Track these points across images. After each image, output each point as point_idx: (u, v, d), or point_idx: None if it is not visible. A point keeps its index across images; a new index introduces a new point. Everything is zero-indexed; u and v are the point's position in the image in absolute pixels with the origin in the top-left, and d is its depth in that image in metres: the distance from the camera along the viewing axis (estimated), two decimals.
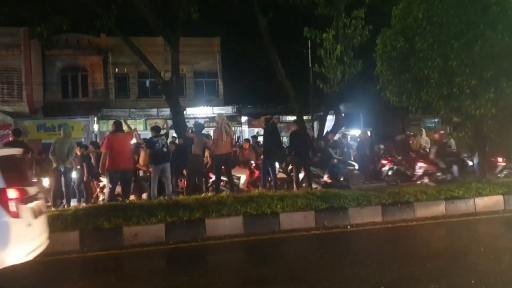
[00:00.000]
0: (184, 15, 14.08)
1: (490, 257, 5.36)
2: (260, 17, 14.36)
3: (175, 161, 10.53)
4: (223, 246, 6.63)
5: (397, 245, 6.40)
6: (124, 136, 8.94)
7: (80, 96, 22.30)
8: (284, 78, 14.85)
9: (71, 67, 22.35)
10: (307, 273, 5.01)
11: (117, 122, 9.14)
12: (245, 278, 5.05)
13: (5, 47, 20.68)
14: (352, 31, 13.87)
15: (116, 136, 8.76)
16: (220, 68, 24.12)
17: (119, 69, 22.44)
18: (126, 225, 6.90)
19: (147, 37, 18.75)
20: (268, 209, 7.45)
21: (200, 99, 23.24)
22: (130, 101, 22.88)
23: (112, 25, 14.35)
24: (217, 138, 9.29)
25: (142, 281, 5.08)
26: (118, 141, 8.66)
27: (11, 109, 20.29)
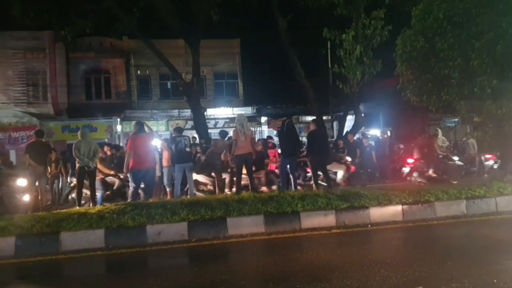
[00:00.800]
0: (205, 17, 14.25)
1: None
2: (279, 18, 14.44)
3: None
4: (244, 244, 6.72)
5: (417, 244, 6.39)
6: (146, 137, 9.18)
7: (103, 98, 22.88)
8: (304, 79, 14.90)
9: (94, 70, 22.93)
10: (329, 271, 5.05)
11: (139, 123, 9.38)
12: (267, 276, 5.10)
13: (30, 50, 21.32)
14: (371, 31, 13.84)
15: (138, 137, 9.00)
16: (240, 69, 24.32)
17: (141, 71, 22.89)
18: (150, 223, 7.06)
19: (168, 39, 19.05)
20: (289, 208, 7.52)
21: (220, 100, 23.49)
22: (152, 102, 23.32)
23: (134, 28, 14.63)
24: (236, 139, 9.43)
25: (166, 278, 5.17)
26: (140, 141, 8.90)
27: (37, 111, 20.90)
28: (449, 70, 8.87)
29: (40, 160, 9.15)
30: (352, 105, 15.15)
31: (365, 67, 13.74)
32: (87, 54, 22.15)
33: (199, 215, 7.26)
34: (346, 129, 15.14)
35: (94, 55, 22.35)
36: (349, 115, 15.93)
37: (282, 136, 10.05)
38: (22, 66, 21.25)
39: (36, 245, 6.69)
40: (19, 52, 21.16)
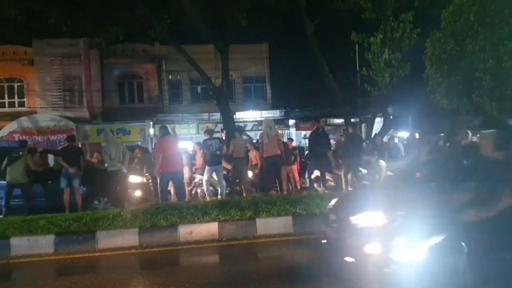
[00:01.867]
0: (234, 23, 14.48)
1: None
2: (307, 22, 14.50)
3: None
4: (273, 244, 6.86)
5: None
6: (173, 139, 9.43)
7: (136, 102, 23.53)
8: (332, 82, 14.91)
9: (127, 75, 23.60)
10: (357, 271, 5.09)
11: (163, 127, 9.70)
12: (296, 275, 5.20)
13: (67, 56, 22.09)
14: (400, 34, 13.72)
15: (165, 140, 9.26)
16: (268, 73, 24.53)
17: (172, 76, 23.46)
18: (182, 223, 7.29)
19: (198, 45, 19.44)
20: (317, 209, 7.64)
21: (249, 104, 23.76)
22: (183, 106, 23.82)
23: (165, 34, 14.99)
24: (262, 142, 9.61)
25: (198, 276, 5.32)
26: (167, 144, 9.14)
27: (73, 115, 21.61)
28: (480, 73, 8.75)
29: (72, 162, 9.50)
30: (380, 107, 15.04)
31: (393, 69, 13.66)
32: (121, 60, 22.86)
33: (229, 216, 7.45)
34: (374, 132, 15.05)
35: (127, 60, 23.04)
36: (377, 117, 15.82)
37: (313, 140, 10.17)
38: (59, 72, 22.08)
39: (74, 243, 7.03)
40: (56, 59, 22.02)
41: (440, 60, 9.79)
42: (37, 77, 22.01)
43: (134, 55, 23.17)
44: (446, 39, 9.53)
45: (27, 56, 22.29)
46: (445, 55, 9.61)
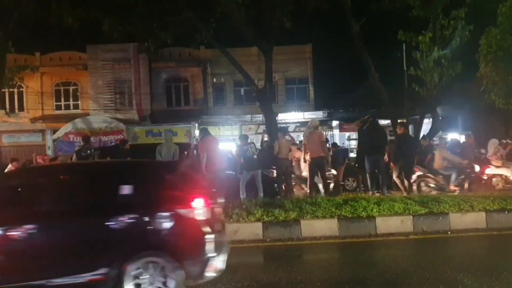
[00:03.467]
0: (278, 24, 14.53)
1: None
2: (352, 22, 14.30)
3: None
4: (318, 246, 6.85)
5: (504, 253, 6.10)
6: (213, 139, 9.77)
7: (182, 105, 24.18)
8: (378, 82, 14.60)
9: (174, 78, 24.32)
10: (406, 277, 5.02)
11: (203, 128, 10.18)
12: (342, 278, 5.17)
13: (117, 61, 23.06)
14: (450, 32, 13.21)
15: (207, 140, 9.60)
16: (311, 74, 24.40)
17: (216, 79, 23.90)
18: (227, 222, 7.30)
19: (242, 47, 19.67)
20: (364, 212, 7.53)
21: (291, 105, 23.74)
22: (226, 108, 24.21)
23: (210, 37, 15.31)
24: (305, 143, 9.58)
25: (243, 275, 5.39)
26: (209, 144, 9.46)
27: (123, 117, 22.49)
28: None
29: None
30: (429, 108, 14.56)
31: (443, 69, 13.17)
32: (168, 64, 23.58)
33: (273, 216, 7.50)
34: (422, 133, 14.59)
35: (174, 64, 23.73)
36: (425, 118, 15.33)
37: (365, 135, 9.92)
38: (110, 76, 23.08)
39: None
40: (108, 63, 23.04)
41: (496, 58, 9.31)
42: (90, 81, 23.12)
43: (181, 59, 23.83)
44: (503, 35, 9.04)
45: (82, 61, 23.48)
46: (502, 53, 9.12)
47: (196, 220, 4.51)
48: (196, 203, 4.55)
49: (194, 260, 4.47)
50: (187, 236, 4.51)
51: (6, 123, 23.11)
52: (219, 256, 4.61)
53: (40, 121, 23.08)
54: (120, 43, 20.77)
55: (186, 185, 4.75)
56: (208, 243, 4.49)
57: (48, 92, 23.77)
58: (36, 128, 23.21)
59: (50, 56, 23.61)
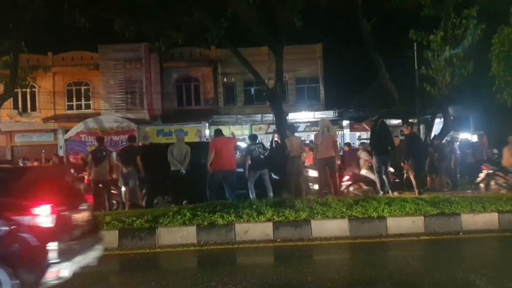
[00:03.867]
0: (288, 24, 14.54)
1: None
2: (363, 21, 14.26)
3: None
4: (329, 247, 6.83)
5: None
6: (226, 140, 9.80)
7: (193, 104, 24.26)
8: (389, 81, 14.55)
9: (185, 78, 24.41)
10: (417, 278, 5.01)
11: (217, 129, 10.31)
12: (353, 279, 5.16)
13: (128, 61, 23.18)
14: (462, 31, 13.11)
15: (218, 140, 9.69)
16: (322, 74, 24.32)
17: (227, 79, 23.95)
18: (238, 222, 7.42)
19: (252, 47, 19.67)
20: (375, 213, 7.52)
21: (302, 104, 23.71)
22: (237, 107, 24.28)
23: (221, 37, 15.38)
24: (317, 142, 9.55)
25: (253, 275, 5.39)
26: (220, 144, 9.50)
27: (134, 116, 22.60)
28: None
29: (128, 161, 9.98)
30: (440, 107, 14.47)
31: (455, 68, 13.09)
32: (179, 64, 23.66)
33: (284, 217, 7.51)
34: (434, 133, 14.51)
35: (185, 64, 23.80)
36: (437, 118, 15.24)
37: (374, 135, 9.91)
38: (122, 76, 23.23)
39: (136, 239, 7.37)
40: (119, 63, 23.19)
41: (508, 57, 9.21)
42: (102, 80, 23.29)
43: (192, 59, 23.87)
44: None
45: (93, 61, 23.65)
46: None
47: (37, 227, 4.45)
48: (39, 210, 4.48)
49: (30, 268, 4.40)
50: (22, 243, 4.43)
51: (19, 123, 23.39)
52: (65, 263, 4.53)
53: (52, 120, 23.31)
54: (132, 43, 20.83)
55: (32, 192, 4.67)
56: (51, 251, 4.42)
57: (60, 92, 24.01)
58: (48, 128, 23.45)
59: (62, 56, 23.82)
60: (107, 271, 6.03)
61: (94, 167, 9.88)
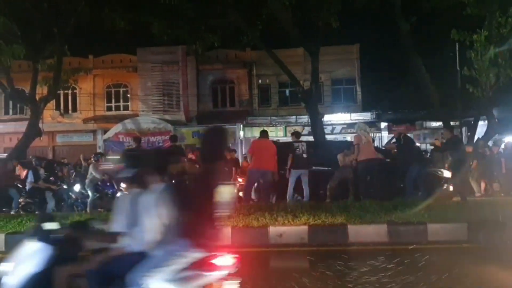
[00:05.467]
0: (324, 25, 14.39)
1: None
2: (402, 22, 13.92)
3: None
4: (367, 252, 6.67)
5: None
6: (266, 142, 9.82)
7: (228, 106, 24.49)
8: (428, 83, 14.14)
9: (220, 80, 24.67)
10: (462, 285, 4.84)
11: (262, 131, 10.35)
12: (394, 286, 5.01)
13: (166, 63, 23.62)
14: (508, 30, 12.54)
15: (259, 141, 9.77)
16: (359, 75, 23.94)
17: (262, 80, 24.00)
18: (272, 225, 7.32)
19: (287, 48, 19.63)
20: (414, 218, 7.27)
21: (338, 106, 23.41)
22: (271, 109, 24.27)
23: (257, 39, 15.42)
24: (358, 143, 9.36)
25: (288, 279, 5.28)
26: (260, 145, 9.57)
27: (171, 118, 23.05)
28: None
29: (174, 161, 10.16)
30: (484, 110, 13.92)
31: (500, 68, 12.54)
32: (215, 66, 23.95)
33: (320, 220, 7.37)
34: (477, 136, 13.96)
35: (221, 66, 24.05)
36: (480, 120, 14.67)
37: (399, 148, 9.82)
38: (159, 78, 23.70)
39: None
40: (157, 65, 23.68)
41: None
42: (140, 82, 23.88)
43: (227, 61, 24.09)
44: None
45: (132, 63, 24.32)
46: None
47: None
48: None
49: None
50: None
51: (61, 123, 24.33)
52: None
53: (91, 121, 24.11)
54: (169, 46, 21.19)
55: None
56: None
57: (100, 93, 24.79)
58: (88, 129, 24.26)
59: (102, 58, 24.59)
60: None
61: None
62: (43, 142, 23.11)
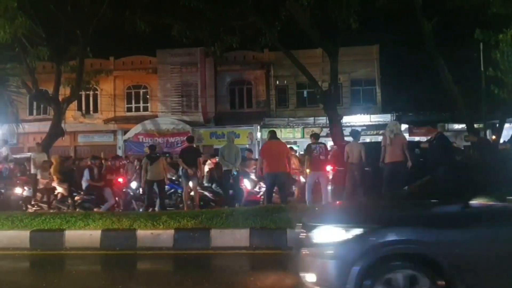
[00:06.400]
0: (344, 25, 14.26)
1: None
2: (424, 21, 13.67)
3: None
4: None
5: None
6: (278, 143, 9.77)
7: (245, 107, 24.49)
8: (451, 84, 13.85)
9: (238, 81, 24.69)
10: None
11: (271, 131, 10.21)
12: None
13: (185, 65, 23.76)
14: None
15: (269, 144, 9.68)
16: (378, 76, 23.63)
17: (279, 81, 23.93)
18: (290, 227, 7.09)
19: (306, 49, 19.51)
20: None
21: (357, 107, 23.15)
22: (288, 110, 24.16)
23: (275, 40, 15.36)
24: (384, 145, 9.19)
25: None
26: (271, 147, 9.51)
27: (189, 119, 23.23)
28: None
29: (191, 162, 10.19)
30: (509, 111, 13.59)
31: None
32: (233, 67, 24.01)
33: None
34: (502, 139, 13.62)
35: (239, 67, 24.09)
36: (506, 123, 14.34)
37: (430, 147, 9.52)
38: (178, 80, 23.85)
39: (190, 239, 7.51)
40: (176, 67, 23.85)
41: None
42: (159, 84, 24.07)
43: (245, 62, 24.11)
44: None
45: (151, 65, 24.55)
46: None
47: None
48: None
49: None
50: None
51: (82, 124, 24.75)
52: None
53: (112, 122, 24.45)
54: (188, 48, 21.32)
55: None
56: None
57: (120, 94, 25.12)
58: (109, 129, 24.55)
59: (123, 60, 24.91)
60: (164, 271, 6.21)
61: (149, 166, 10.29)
62: (65, 142, 23.55)
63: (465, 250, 3.62)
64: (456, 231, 3.70)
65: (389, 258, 3.76)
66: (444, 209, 3.96)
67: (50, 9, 13.83)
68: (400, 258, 3.78)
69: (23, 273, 6.64)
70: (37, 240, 7.74)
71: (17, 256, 7.34)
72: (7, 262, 7.01)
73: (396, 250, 3.77)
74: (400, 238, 3.79)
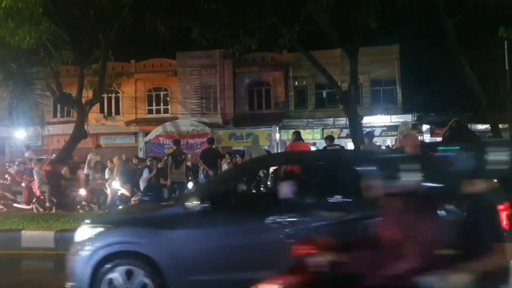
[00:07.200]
0: (363, 25, 14.14)
1: None
2: (445, 19, 13.44)
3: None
4: None
5: None
6: (303, 144, 9.75)
7: (264, 108, 24.59)
8: (474, 83, 13.56)
9: (257, 82, 24.80)
10: None
11: (296, 132, 10.04)
12: None
13: (204, 67, 24.07)
14: None
15: (297, 144, 9.58)
16: (399, 76, 23.36)
17: (298, 82, 23.91)
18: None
19: (325, 50, 19.41)
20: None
21: (377, 108, 22.93)
22: (307, 111, 24.10)
23: (294, 41, 15.33)
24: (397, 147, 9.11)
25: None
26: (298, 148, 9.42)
27: (208, 120, 23.44)
28: None
29: (211, 164, 10.27)
30: None
31: None
32: (251, 69, 24.10)
33: None
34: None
35: (257, 69, 24.16)
36: None
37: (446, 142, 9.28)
38: (197, 82, 24.13)
39: None
40: (195, 69, 24.13)
41: None
42: (179, 86, 24.41)
43: (264, 63, 24.19)
44: None
45: (172, 67, 24.90)
46: None
47: None
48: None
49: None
50: None
51: (104, 126, 25.21)
52: None
53: (133, 124, 24.82)
54: (207, 50, 21.56)
55: None
56: None
57: (141, 97, 25.51)
58: (130, 131, 24.95)
59: (144, 63, 25.31)
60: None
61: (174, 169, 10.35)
62: (88, 144, 24.06)
63: (172, 246, 4.22)
64: (166, 231, 4.25)
65: (113, 256, 4.25)
66: (163, 212, 4.85)
67: (74, 14, 14.14)
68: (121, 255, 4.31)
69: None
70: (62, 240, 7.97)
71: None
72: None
73: (117, 248, 4.31)
74: (122, 238, 4.37)
